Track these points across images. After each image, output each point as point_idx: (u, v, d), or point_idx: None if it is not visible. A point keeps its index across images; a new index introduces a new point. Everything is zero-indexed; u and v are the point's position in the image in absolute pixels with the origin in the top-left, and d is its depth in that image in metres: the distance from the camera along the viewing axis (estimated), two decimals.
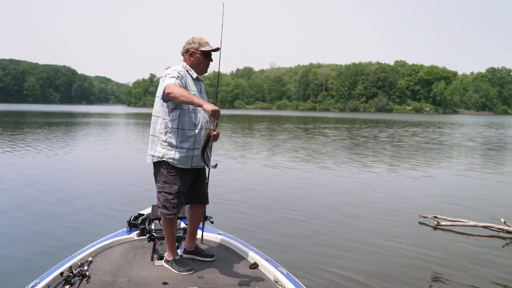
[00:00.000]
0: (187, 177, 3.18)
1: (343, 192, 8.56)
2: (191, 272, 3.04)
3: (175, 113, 3.09)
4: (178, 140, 3.09)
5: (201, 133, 3.14)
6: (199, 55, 3.17)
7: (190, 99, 2.88)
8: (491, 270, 4.64)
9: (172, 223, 3.22)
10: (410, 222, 6.48)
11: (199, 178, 3.32)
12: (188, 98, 2.88)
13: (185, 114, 3.10)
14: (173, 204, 3.13)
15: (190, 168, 3.16)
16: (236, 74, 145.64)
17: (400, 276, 4.40)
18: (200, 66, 3.21)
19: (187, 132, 3.11)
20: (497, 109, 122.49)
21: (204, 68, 3.24)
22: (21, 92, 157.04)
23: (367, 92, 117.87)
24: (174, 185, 3.11)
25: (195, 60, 3.19)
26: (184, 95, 2.89)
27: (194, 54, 3.17)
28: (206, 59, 3.20)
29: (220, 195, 7.63)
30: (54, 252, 4.77)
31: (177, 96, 2.88)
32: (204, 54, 3.17)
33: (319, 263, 4.67)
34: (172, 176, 3.11)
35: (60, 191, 8.17)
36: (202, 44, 3.16)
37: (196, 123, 3.14)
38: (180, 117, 3.09)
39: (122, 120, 42.41)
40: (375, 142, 20.83)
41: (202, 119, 3.17)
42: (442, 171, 11.79)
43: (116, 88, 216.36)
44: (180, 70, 3.13)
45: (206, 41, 3.18)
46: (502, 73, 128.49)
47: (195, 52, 3.17)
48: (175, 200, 3.13)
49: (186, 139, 3.10)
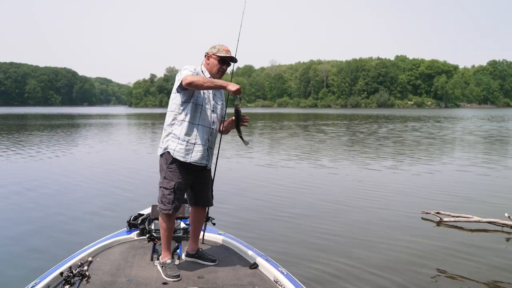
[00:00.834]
0: (186, 175, 3.18)
1: (344, 190, 8.50)
2: (178, 279, 2.98)
3: (184, 106, 3.17)
4: (182, 132, 3.15)
5: (206, 131, 3.20)
6: (214, 59, 3.28)
7: (213, 83, 3.07)
8: (495, 266, 4.58)
9: (168, 221, 3.21)
10: (412, 218, 6.42)
11: (202, 180, 3.34)
12: (212, 82, 3.07)
13: (194, 108, 3.17)
14: (169, 200, 3.15)
15: (190, 165, 3.16)
16: (236, 73, 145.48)
17: (403, 273, 4.36)
18: (214, 69, 3.29)
19: (193, 126, 3.16)
20: (499, 102, 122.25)
21: (217, 73, 3.29)
22: (22, 95, 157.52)
23: (368, 88, 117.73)
24: (172, 181, 3.15)
25: (210, 63, 3.31)
26: (206, 80, 3.06)
27: (211, 58, 3.30)
28: (219, 65, 3.28)
29: (220, 195, 7.60)
30: (54, 252, 4.78)
31: (200, 83, 3.01)
32: (219, 59, 3.27)
33: (319, 263, 4.64)
34: (170, 171, 3.16)
35: (60, 192, 8.18)
36: (221, 50, 3.28)
37: (204, 120, 3.20)
38: (188, 110, 3.16)
39: (122, 121, 42.43)
40: (375, 138, 20.79)
41: (210, 118, 3.24)
42: (443, 166, 11.75)
43: (117, 89, 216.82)
44: (196, 68, 3.25)
45: (226, 49, 3.30)
46: (503, 66, 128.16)
47: (212, 56, 3.30)
48: (171, 196, 3.14)
49: (190, 132, 3.15)
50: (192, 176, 3.24)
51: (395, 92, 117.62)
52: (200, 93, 3.21)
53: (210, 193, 3.42)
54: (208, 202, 3.43)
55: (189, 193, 3.39)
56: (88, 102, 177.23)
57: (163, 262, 3.13)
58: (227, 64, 3.32)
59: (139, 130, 27.95)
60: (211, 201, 3.45)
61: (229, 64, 3.34)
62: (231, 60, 3.32)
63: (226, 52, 3.28)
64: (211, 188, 3.43)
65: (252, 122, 36.63)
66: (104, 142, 18.98)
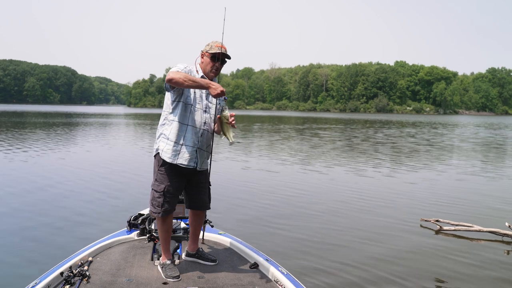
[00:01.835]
0: (177, 178, 3.12)
1: (342, 195, 8.48)
2: (178, 279, 2.97)
3: (174, 105, 3.11)
4: (171, 133, 3.09)
5: (195, 132, 3.10)
6: (207, 57, 3.19)
7: (195, 81, 2.91)
8: (497, 277, 4.51)
9: (163, 224, 3.17)
10: (411, 226, 6.32)
11: (197, 183, 3.25)
12: (193, 81, 2.90)
13: (184, 108, 3.09)
14: (158, 203, 3.11)
15: (180, 168, 3.08)
16: (236, 75, 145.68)
17: (402, 283, 4.31)
18: (207, 68, 3.20)
19: (182, 126, 3.09)
20: (497, 110, 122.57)
21: (211, 71, 3.19)
22: (21, 92, 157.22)
23: (367, 93, 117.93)
24: (162, 184, 3.11)
25: (204, 61, 3.22)
26: (188, 78, 2.89)
27: (204, 56, 3.22)
28: (212, 62, 3.18)
29: (220, 195, 7.62)
30: (54, 252, 4.78)
31: (181, 81, 2.88)
32: (211, 56, 3.17)
33: (318, 264, 4.66)
34: (161, 174, 3.12)
35: (60, 192, 8.15)
36: (213, 47, 3.17)
37: (194, 120, 3.11)
38: (178, 110, 3.09)
39: (121, 120, 42.39)
40: (373, 144, 20.82)
41: (201, 119, 3.14)
42: (441, 173, 11.75)
43: (116, 88, 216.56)
44: (188, 65, 3.17)
45: (219, 45, 3.17)
46: (502, 74, 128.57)
47: (205, 54, 3.21)
48: (161, 199, 3.11)
49: (178, 133, 3.08)
50: (183, 179, 3.17)
51: (394, 97, 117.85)
52: (190, 92, 3.11)
53: (206, 197, 3.31)
54: (204, 206, 3.32)
55: (185, 196, 3.34)
56: (87, 101, 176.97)
57: (163, 263, 3.12)
58: (220, 62, 3.19)
59: (139, 130, 27.92)
60: (208, 205, 3.34)
61: (223, 61, 3.22)
62: (223, 56, 3.18)
63: (219, 48, 3.15)
64: (207, 191, 3.33)
65: (251, 124, 36.63)
66: (104, 141, 18.95)
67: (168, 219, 3.19)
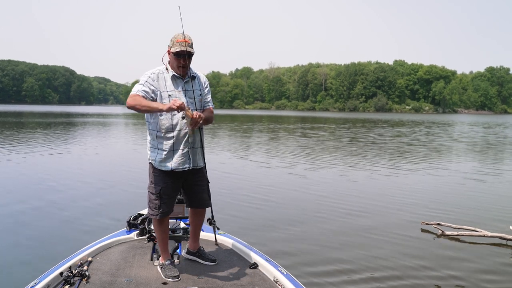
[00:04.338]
0: (172, 179, 3.10)
1: (342, 196, 8.42)
2: (178, 279, 2.96)
3: (152, 116, 3.06)
4: (157, 142, 3.07)
5: (180, 135, 3.04)
6: (172, 55, 3.02)
7: (149, 107, 2.87)
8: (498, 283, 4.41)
9: (160, 225, 3.17)
10: (411, 229, 6.17)
11: (194, 182, 3.22)
12: (148, 107, 2.87)
13: (161, 116, 3.01)
14: (155, 205, 3.10)
15: (174, 172, 3.06)
16: (235, 74, 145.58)
17: (402, 283, 4.25)
18: (174, 66, 3.05)
19: (165, 134, 3.03)
20: (496, 108, 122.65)
21: (178, 68, 3.03)
22: (20, 92, 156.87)
23: (366, 92, 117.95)
24: (157, 185, 3.10)
25: (170, 59, 3.07)
26: (143, 104, 2.86)
27: (170, 53, 3.04)
28: (177, 60, 3.00)
29: (220, 195, 7.62)
30: (54, 252, 4.77)
31: (137, 108, 2.87)
32: (174, 54, 3.00)
33: (318, 264, 4.66)
34: (156, 176, 3.11)
35: (60, 192, 8.15)
36: (174, 44, 2.98)
37: (174, 125, 3.02)
38: (156, 119, 3.04)
39: (120, 120, 42.33)
40: (373, 144, 20.82)
41: (179, 121, 3.04)
42: (441, 175, 11.76)
43: (115, 88, 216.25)
44: (155, 71, 3.05)
45: (180, 40, 2.95)
46: (501, 72, 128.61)
47: (169, 51, 3.03)
48: (157, 201, 3.09)
49: (164, 141, 3.04)
50: (179, 180, 3.15)
51: (393, 96, 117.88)
52: (162, 99, 2.98)
53: (205, 194, 3.28)
54: (203, 203, 3.29)
55: (184, 195, 3.33)
56: (85, 101, 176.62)
57: (162, 263, 3.12)
58: (184, 57, 2.97)
59: (138, 130, 27.89)
60: (208, 202, 3.32)
61: (190, 54, 2.99)
62: (185, 54, 2.95)
63: (180, 44, 2.94)
64: (206, 189, 3.30)
65: (251, 123, 36.57)
66: (103, 141, 18.93)
67: (164, 220, 3.18)
